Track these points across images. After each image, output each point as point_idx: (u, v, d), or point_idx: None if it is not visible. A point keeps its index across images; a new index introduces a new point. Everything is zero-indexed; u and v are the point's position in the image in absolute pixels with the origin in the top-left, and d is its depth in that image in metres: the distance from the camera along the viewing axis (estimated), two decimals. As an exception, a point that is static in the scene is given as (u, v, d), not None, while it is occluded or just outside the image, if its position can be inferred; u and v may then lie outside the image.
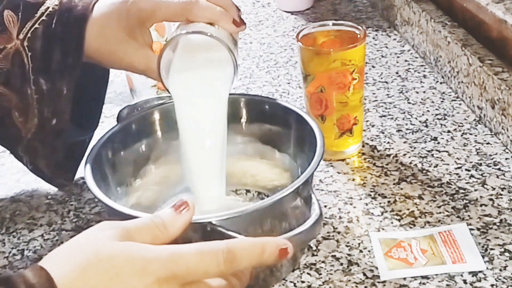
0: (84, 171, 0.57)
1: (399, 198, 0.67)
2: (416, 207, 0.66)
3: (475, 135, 0.77)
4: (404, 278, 0.57)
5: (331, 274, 0.58)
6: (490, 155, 0.73)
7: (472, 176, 0.70)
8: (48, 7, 0.63)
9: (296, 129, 0.64)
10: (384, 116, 0.83)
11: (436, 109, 0.83)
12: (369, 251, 0.61)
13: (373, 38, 1.05)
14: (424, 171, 0.71)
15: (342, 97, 0.71)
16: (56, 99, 0.64)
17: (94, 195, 0.54)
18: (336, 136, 0.74)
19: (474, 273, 0.57)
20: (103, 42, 0.63)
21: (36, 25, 0.63)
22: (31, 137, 0.65)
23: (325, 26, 0.75)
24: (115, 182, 0.62)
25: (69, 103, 0.64)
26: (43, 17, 0.63)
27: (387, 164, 0.73)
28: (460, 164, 0.72)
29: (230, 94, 0.61)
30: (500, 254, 0.59)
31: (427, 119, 0.81)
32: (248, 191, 0.68)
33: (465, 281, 0.56)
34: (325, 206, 0.67)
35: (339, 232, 0.63)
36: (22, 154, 0.67)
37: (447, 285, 0.56)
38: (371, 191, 0.69)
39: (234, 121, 0.68)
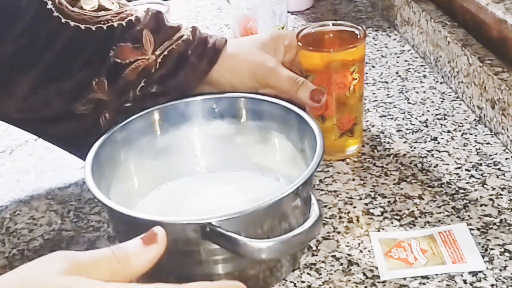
0: (84, 171, 0.57)
1: (399, 198, 0.67)
2: (416, 207, 0.66)
3: (475, 135, 0.77)
4: (404, 278, 0.57)
5: (331, 274, 0.58)
6: (490, 155, 0.73)
7: (472, 176, 0.70)
8: (183, 35, 0.70)
9: (296, 130, 0.64)
10: (384, 116, 0.83)
11: (436, 109, 0.83)
12: (369, 251, 0.61)
13: (373, 38, 1.05)
14: (424, 171, 0.71)
15: (343, 97, 0.71)
16: (148, 102, 0.69)
17: (94, 195, 0.54)
18: (336, 136, 0.73)
19: (474, 273, 0.57)
20: (226, 79, 0.71)
21: (173, 46, 0.69)
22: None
23: (325, 26, 0.75)
24: (115, 182, 0.62)
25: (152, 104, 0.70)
26: (180, 41, 0.69)
27: (387, 164, 0.73)
28: (460, 164, 0.72)
29: (230, 94, 0.61)
30: (500, 254, 0.59)
31: (427, 119, 0.81)
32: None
33: (465, 281, 0.56)
34: (325, 206, 0.67)
35: (339, 232, 0.63)
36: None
37: (447, 285, 0.56)
38: (371, 191, 0.69)
39: (234, 121, 0.68)
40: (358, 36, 0.72)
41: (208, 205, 0.63)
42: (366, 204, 0.67)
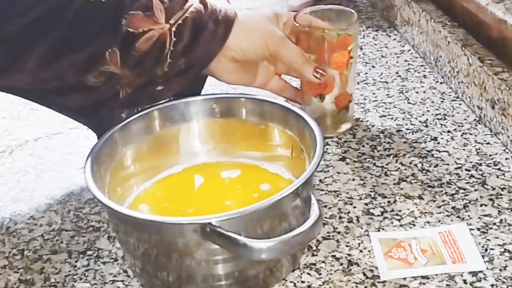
0: (84, 171, 0.57)
1: (399, 198, 0.67)
2: (416, 207, 0.66)
3: (475, 135, 0.77)
4: (404, 278, 0.57)
5: (331, 274, 0.58)
6: (490, 155, 0.73)
7: (472, 176, 0.70)
8: (192, 4, 0.69)
9: (296, 129, 0.64)
10: (384, 116, 0.83)
11: (436, 109, 0.83)
12: (369, 251, 0.61)
13: (373, 38, 1.05)
14: (424, 171, 0.71)
15: (341, 76, 0.74)
16: (179, 80, 0.70)
17: (94, 195, 0.54)
18: (334, 114, 0.77)
19: (474, 273, 0.57)
20: (240, 45, 0.71)
21: (187, 14, 0.68)
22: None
23: (319, 10, 0.78)
24: (115, 182, 0.62)
25: (186, 84, 0.71)
26: (191, 9, 0.69)
27: (387, 164, 0.73)
28: (460, 164, 0.72)
29: (230, 94, 0.61)
30: (500, 254, 0.59)
31: (427, 119, 0.81)
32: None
33: (465, 281, 0.56)
34: (325, 206, 0.67)
35: (339, 232, 0.63)
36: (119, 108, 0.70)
37: (447, 285, 0.56)
38: (371, 191, 0.69)
39: (234, 120, 0.68)
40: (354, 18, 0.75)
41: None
42: (366, 204, 0.67)
